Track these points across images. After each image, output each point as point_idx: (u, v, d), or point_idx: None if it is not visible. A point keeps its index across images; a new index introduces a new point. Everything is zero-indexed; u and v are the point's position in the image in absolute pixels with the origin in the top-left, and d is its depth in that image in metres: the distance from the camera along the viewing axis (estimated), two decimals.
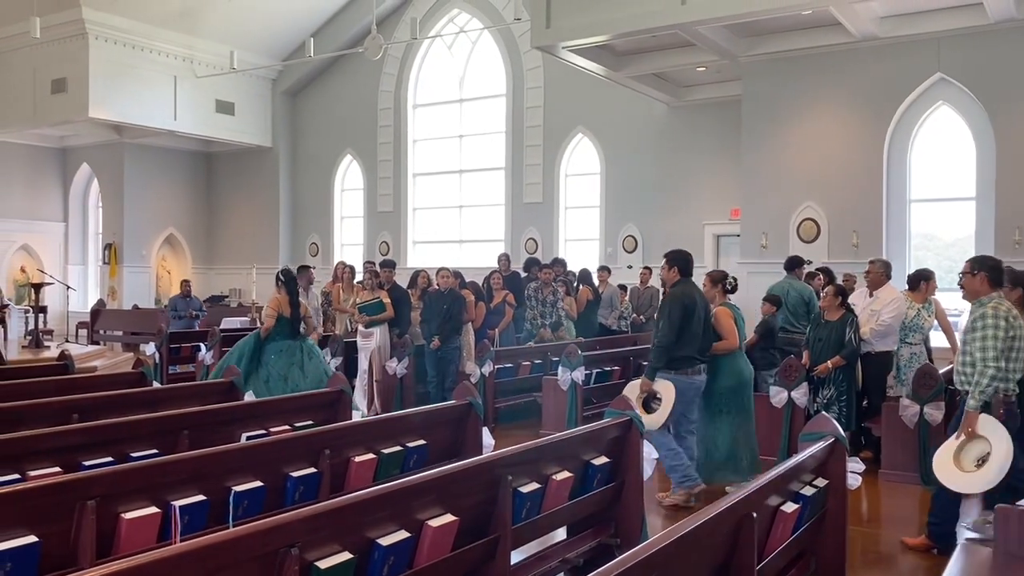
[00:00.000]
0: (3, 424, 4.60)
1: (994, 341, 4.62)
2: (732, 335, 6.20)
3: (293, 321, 7.37)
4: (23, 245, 19.05)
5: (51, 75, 16.18)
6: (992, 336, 4.63)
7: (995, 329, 4.63)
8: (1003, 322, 4.64)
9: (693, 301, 5.93)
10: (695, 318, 5.89)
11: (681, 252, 6.21)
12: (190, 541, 2.43)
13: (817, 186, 11.68)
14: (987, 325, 4.66)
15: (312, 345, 7.72)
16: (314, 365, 7.46)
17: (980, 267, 4.84)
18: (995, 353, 4.61)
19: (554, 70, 15.32)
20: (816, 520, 3.87)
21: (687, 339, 5.88)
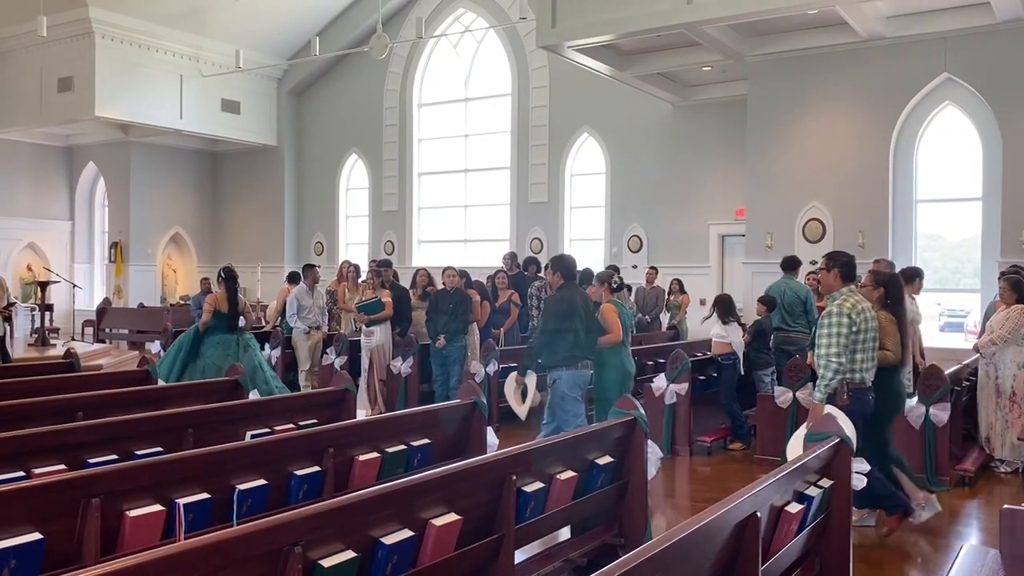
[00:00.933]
0: (9, 421, 4.62)
1: (837, 337, 4.87)
2: (616, 329, 6.49)
3: (230, 316, 7.72)
4: (29, 243, 19.11)
5: (58, 74, 16.22)
6: (836, 333, 4.88)
7: (838, 326, 4.90)
8: (846, 318, 4.89)
9: (573, 303, 6.28)
10: (576, 318, 6.23)
11: (564, 258, 6.64)
12: (194, 539, 2.43)
13: (823, 186, 11.66)
14: (832, 323, 4.92)
15: (249, 339, 8.02)
16: (248, 357, 7.75)
17: (834, 263, 5.12)
18: (838, 349, 4.86)
19: (559, 69, 15.31)
20: (821, 521, 3.86)
21: (570, 338, 6.20)
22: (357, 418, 5.50)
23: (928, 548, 5.42)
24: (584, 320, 6.28)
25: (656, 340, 11.40)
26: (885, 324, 5.35)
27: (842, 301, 5.00)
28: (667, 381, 7.91)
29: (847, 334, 4.90)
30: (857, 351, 4.98)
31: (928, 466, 6.65)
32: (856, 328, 4.94)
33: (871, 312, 5.10)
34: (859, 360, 5.00)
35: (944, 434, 6.68)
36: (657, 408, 7.78)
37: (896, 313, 5.43)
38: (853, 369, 5.01)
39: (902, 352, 5.39)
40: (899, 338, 5.36)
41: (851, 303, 4.99)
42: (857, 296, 5.10)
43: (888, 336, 5.33)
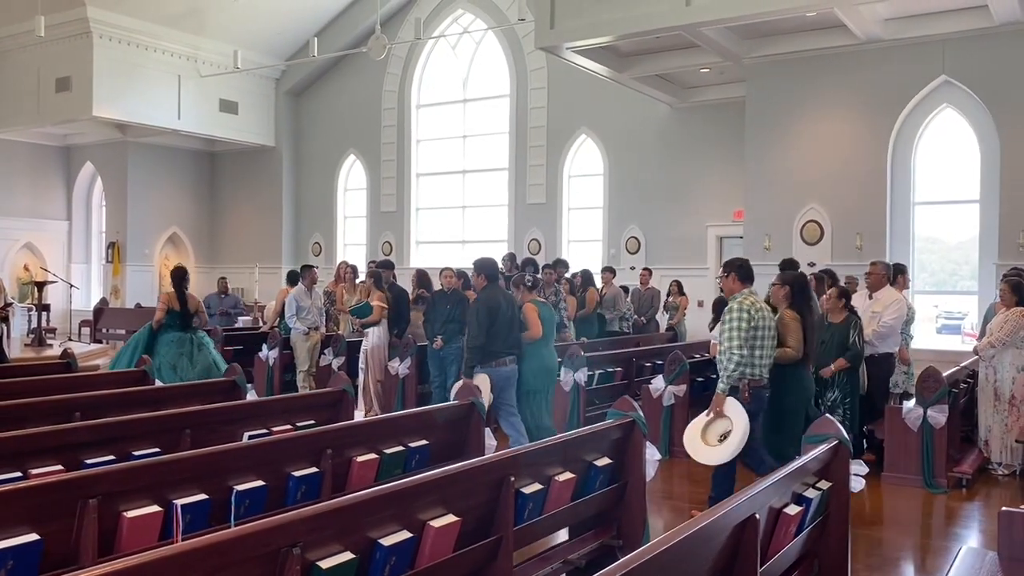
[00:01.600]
0: (6, 422, 4.60)
1: (738, 332, 5.23)
2: (536, 327, 6.88)
3: (183, 315, 7.91)
4: (27, 243, 19.08)
5: (55, 74, 16.20)
6: (736, 328, 5.24)
7: (739, 321, 5.25)
8: (745, 315, 5.26)
9: (497, 303, 6.66)
10: (500, 318, 6.62)
11: (487, 260, 7.00)
12: (192, 540, 2.42)
13: (821, 188, 11.67)
14: (732, 319, 5.29)
15: (203, 337, 8.19)
16: (203, 356, 7.95)
17: (730, 269, 5.55)
18: (739, 342, 5.22)
19: (558, 71, 15.32)
20: (819, 523, 3.86)
21: (494, 336, 6.60)
22: (355, 419, 5.49)
23: (926, 550, 5.43)
24: (508, 320, 6.67)
25: (654, 342, 11.41)
26: (789, 322, 5.67)
27: (741, 300, 5.35)
28: (665, 383, 7.91)
29: (747, 328, 5.24)
30: (755, 348, 5.31)
31: (925, 468, 6.66)
32: (754, 324, 5.27)
33: (768, 312, 5.46)
34: (757, 356, 5.32)
35: (942, 436, 6.69)
36: (655, 410, 7.78)
37: (801, 311, 5.70)
38: (752, 364, 5.30)
39: (805, 348, 5.67)
40: (802, 335, 5.64)
41: (749, 302, 5.35)
42: (755, 297, 5.44)
43: (791, 333, 5.64)
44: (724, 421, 5.21)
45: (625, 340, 11.26)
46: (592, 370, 8.60)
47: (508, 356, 6.67)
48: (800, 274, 6.08)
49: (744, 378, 5.28)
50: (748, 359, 5.25)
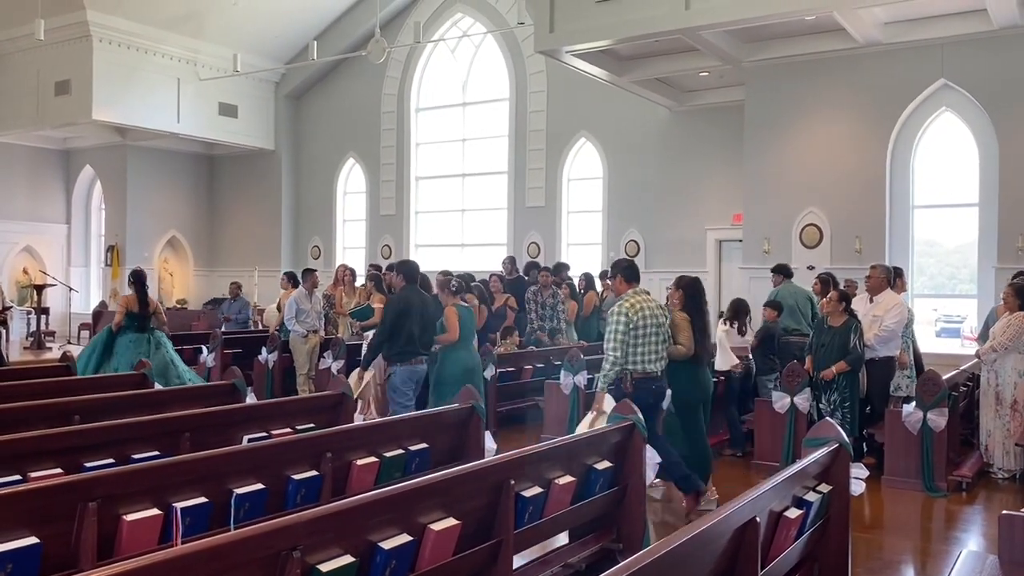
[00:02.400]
0: (5, 425, 4.60)
1: (615, 334, 5.54)
2: (454, 330, 7.12)
3: (142, 317, 8.14)
4: (26, 247, 19.06)
5: (55, 77, 16.20)
6: (614, 330, 5.55)
7: (616, 324, 5.56)
8: (624, 317, 5.56)
9: (409, 305, 6.90)
10: (411, 318, 6.86)
11: (407, 263, 7.45)
12: (192, 543, 2.42)
13: (820, 192, 11.68)
14: (612, 322, 5.60)
15: (160, 337, 8.38)
16: (160, 355, 8.14)
17: (617, 270, 5.91)
18: (614, 343, 5.53)
19: (557, 74, 15.33)
20: (819, 526, 3.85)
21: (404, 336, 6.85)
22: (355, 422, 5.48)
23: (926, 554, 5.43)
24: (420, 320, 6.91)
25: None
26: (680, 322, 6.03)
27: (623, 302, 5.67)
28: None
29: (624, 331, 5.55)
30: (638, 345, 5.60)
31: (925, 471, 6.66)
32: (633, 325, 5.56)
33: (652, 311, 5.71)
34: (640, 353, 5.60)
35: (942, 439, 6.69)
36: None
37: (691, 313, 6.06)
38: (635, 361, 5.62)
39: (698, 346, 6.02)
40: (691, 334, 5.99)
41: (630, 303, 5.64)
42: (640, 297, 5.73)
43: (681, 332, 6.00)
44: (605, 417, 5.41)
45: None
46: (592, 373, 8.58)
47: (419, 356, 6.97)
48: (694, 279, 6.41)
49: (626, 372, 5.60)
50: (627, 357, 5.58)
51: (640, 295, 5.76)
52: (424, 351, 7.01)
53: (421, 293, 7.17)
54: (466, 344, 7.28)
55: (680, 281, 6.30)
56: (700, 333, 6.05)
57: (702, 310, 6.18)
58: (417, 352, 6.96)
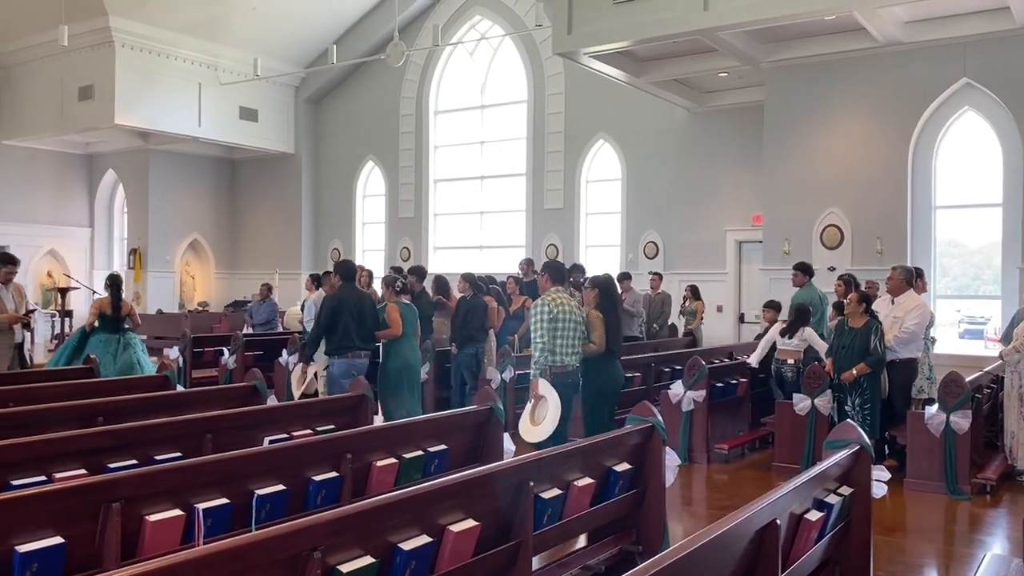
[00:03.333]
0: (30, 426, 4.65)
1: (540, 324, 6.02)
2: (396, 326, 7.57)
3: (114, 319, 8.51)
4: (50, 250, 19.29)
5: (78, 82, 16.40)
6: (539, 320, 6.03)
7: (541, 315, 6.04)
8: (546, 308, 6.06)
9: (344, 302, 7.38)
10: (346, 315, 7.32)
11: (344, 263, 7.90)
12: (214, 544, 2.44)
13: (841, 192, 11.60)
14: (536, 313, 6.11)
15: (131, 338, 8.71)
16: (126, 356, 8.47)
17: (543, 270, 6.44)
18: (539, 334, 6.02)
19: (575, 76, 15.33)
20: (841, 529, 3.83)
21: (341, 331, 7.31)
22: (374, 424, 5.50)
23: (950, 557, 5.37)
24: (356, 316, 7.36)
25: (672, 347, 11.37)
26: (594, 320, 6.37)
27: (545, 296, 6.18)
28: (684, 388, 7.87)
29: (548, 320, 6.01)
30: (557, 338, 6.05)
31: (948, 474, 6.59)
32: (553, 318, 6.03)
33: (570, 308, 6.17)
34: (559, 346, 6.07)
35: (965, 442, 6.62)
36: (674, 415, 7.74)
37: (605, 311, 6.38)
38: (555, 352, 6.04)
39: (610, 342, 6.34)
40: (603, 331, 6.31)
41: (551, 298, 6.14)
42: (560, 295, 6.22)
43: (595, 329, 6.34)
44: (545, 403, 5.92)
45: (643, 345, 11.22)
46: None
47: (362, 351, 7.43)
48: (608, 278, 6.74)
49: (547, 364, 6.02)
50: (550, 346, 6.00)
51: (561, 294, 6.24)
52: (362, 345, 7.41)
53: (357, 291, 7.70)
54: (408, 339, 7.72)
55: (595, 280, 6.65)
56: (612, 329, 6.39)
57: (615, 308, 6.55)
58: (354, 346, 7.36)
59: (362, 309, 7.45)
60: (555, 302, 6.11)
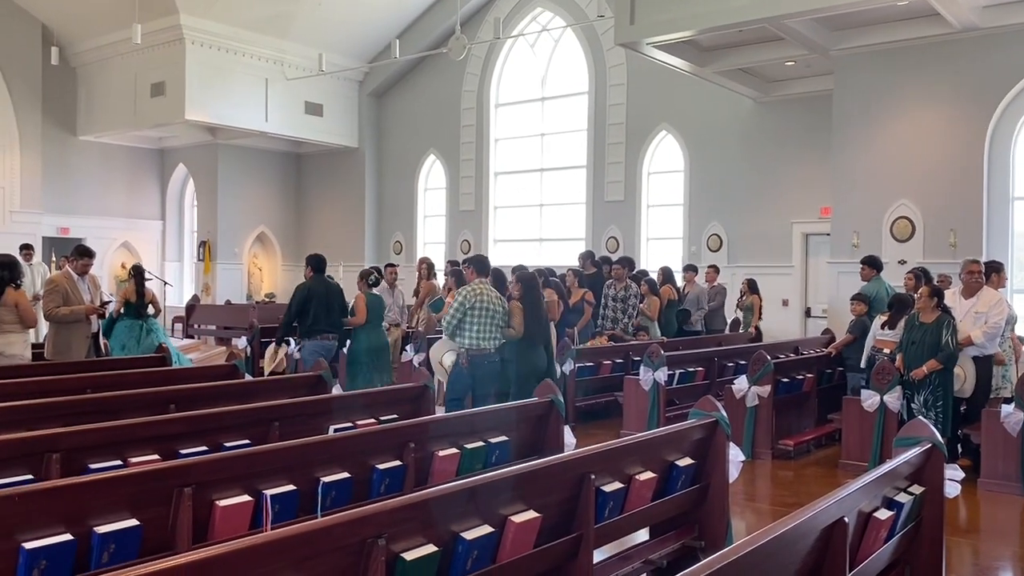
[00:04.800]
0: (106, 412, 4.83)
1: (452, 308, 6.98)
2: (361, 314, 8.54)
3: (138, 306, 9.04)
4: (124, 242, 19.90)
5: (151, 79, 16.87)
6: (453, 306, 6.96)
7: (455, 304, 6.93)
8: (462, 297, 6.92)
9: (312, 291, 8.24)
10: (315, 303, 8.14)
11: (315, 255, 8.68)
12: (282, 529, 2.49)
13: (912, 183, 11.25)
14: (455, 301, 6.98)
15: (153, 324, 9.23)
16: (149, 339, 8.96)
17: (470, 263, 7.23)
18: (450, 315, 6.94)
19: (637, 66, 15.19)
20: (911, 529, 3.73)
21: (311, 317, 8.16)
22: (436, 414, 5.56)
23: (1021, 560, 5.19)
24: (324, 304, 8.21)
25: (736, 341, 11.21)
26: (514, 309, 7.15)
27: (465, 287, 7.00)
28: (749, 383, 7.75)
29: (458, 307, 6.88)
30: (473, 324, 6.85)
31: None
32: (469, 305, 6.84)
33: (489, 298, 6.94)
34: (476, 331, 6.85)
35: None
36: (738, 410, 7.64)
37: (525, 301, 7.13)
38: (471, 337, 6.86)
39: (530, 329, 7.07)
40: (523, 319, 7.06)
41: (470, 289, 6.94)
42: (482, 286, 6.97)
43: (515, 316, 7.11)
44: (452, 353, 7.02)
45: (706, 339, 11.09)
46: (673, 369, 8.50)
47: (328, 333, 8.28)
48: (531, 273, 7.60)
49: (463, 348, 6.88)
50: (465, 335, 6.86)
51: (483, 285, 6.99)
52: (330, 329, 8.29)
53: (326, 281, 8.55)
54: (374, 326, 8.66)
55: (519, 275, 7.46)
56: (532, 318, 7.11)
57: (536, 299, 7.25)
58: (323, 330, 8.23)
59: (330, 298, 8.34)
60: (473, 293, 6.90)
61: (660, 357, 8.28)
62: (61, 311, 7.37)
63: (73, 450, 3.83)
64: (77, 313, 7.50)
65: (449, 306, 9.14)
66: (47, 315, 7.47)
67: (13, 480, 3.50)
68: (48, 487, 3.03)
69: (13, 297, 6.91)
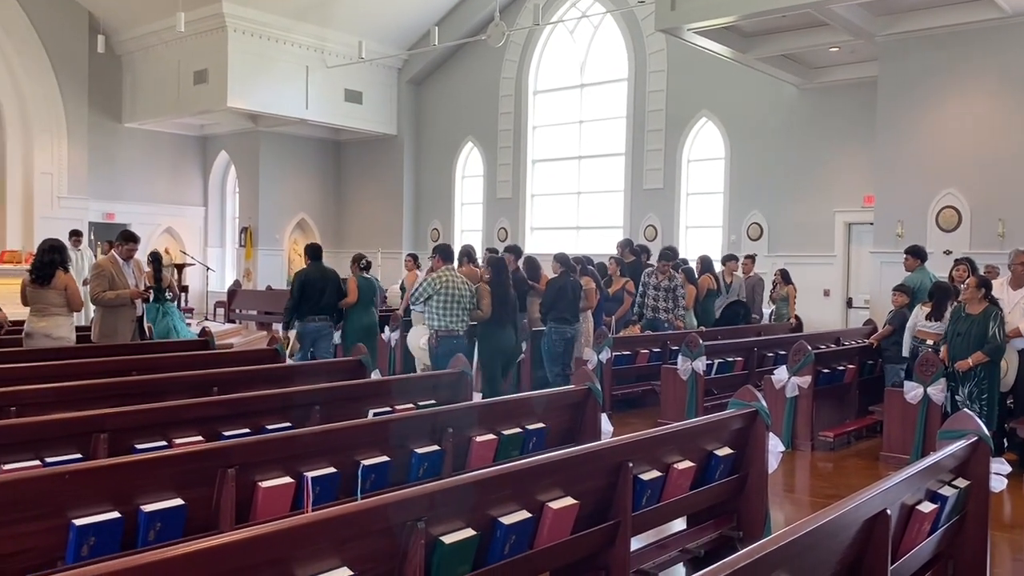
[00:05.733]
0: (151, 395, 4.93)
1: (419, 288, 7.63)
2: (352, 294, 9.09)
3: (157, 290, 9.21)
4: (167, 228, 20.23)
5: (194, 67, 17.09)
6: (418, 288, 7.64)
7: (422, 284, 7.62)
8: (427, 282, 7.59)
9: (309, 277, 8.77)
10: (311, 287, 8.68)
11: (312, 244, 9.24)
12: (324, 510, 2.53)
13: (959, 172, 11.01)
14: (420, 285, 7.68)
15: (170, 307, 9.53)
16: (165, 322, 9.33)
17: (435, 252, 7.88)
18: (417, 293, 7.62)
19: (678, 53, 15.03)
20: (955, 522, 3.67)
21: (309, 301, 8.66)
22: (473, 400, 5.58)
23: None
24: (320, 288, 8.72)
25: (775, 331, 11.09)
26: (482, 292, 7.79)
27: (433, 274, 7.66)
28: (789, 373, 7.67)
29: (424, 290, 7.55)
30: (441, 308, 7.49)
31: None
32: (434, 290, 7.48)
33: (456, 283, 7.57)
34: (444, 314, 7.49)
35: None
36: (778, 401, 7.56)
37: (493, 285, 7.84)
38: (439, 319, 7.51)
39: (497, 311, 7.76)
40: (491, 301, 7.72)
41: (437, 275, 7.60)
42: (448, 273, 7.62)
43: (483, 299, 7.76)
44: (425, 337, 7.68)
45: (745, 329, 10.98)
46: (711, 359, 8.44)
47: (319, 316, 8.74)
48: (499, 258, 8.33)
49: (432, 330, 7.54)
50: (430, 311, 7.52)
51: (449, 272, 7.64)
52: (325, 311, 8.80)
53: (322, 268, 8.97)
54: (366, 307, 9.24)
55: (489, 260, 8.16)
56: (499, 301, 7.78)
57: (504, 282, 7.92)
58: (320, 312, 8.76)
59: (325, 283, 8.83)
60: (439, 279, 7.54)
61: (699, 347, 8.22)
62: (107, 295, 7.49)
63: (120, 430, 3.92)
64: (122, 297, 7.61)
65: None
66: (94, 299, 7.58)
67: (63, 458, 3.59)
68: (97, 466, 3.11)
69: (63, 280, 7.07)
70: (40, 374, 5.37)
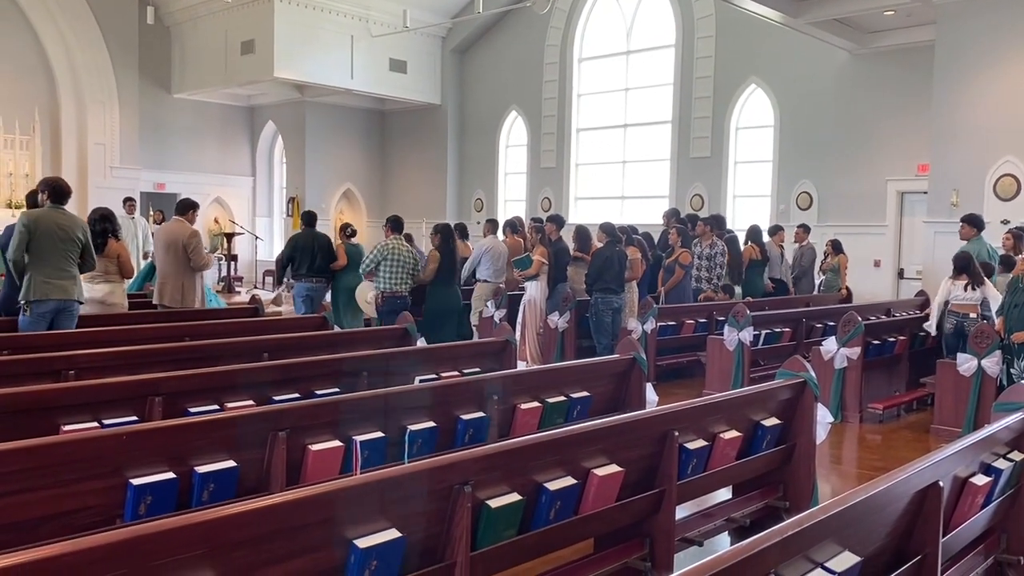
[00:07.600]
0: (204, 360, 5.04)
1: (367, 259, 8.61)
2: (341, 258, 9.90)
3: None
4: (216, 198, 20.54)
5: (241, 37, 17.21)
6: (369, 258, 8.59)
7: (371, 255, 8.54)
8: (376, 250, 8.50)
9: (299, 241, 9.76)
10: (301, 252, 9.64)
11: (307, 212, 10.20)
12: (372, 473, 2.57)
13: (1019, 139, 10.65)
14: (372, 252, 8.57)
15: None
16: None
17: (387, 223, 8.70)
18: (365, 266, 8.61)
19: (727, 17, 14.73)
20: (1009, 496, 3.61)
21: (302, 263, 9.63)
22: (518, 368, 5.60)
23: None
24: (311, 252, 9.63)
25: (824, 302, 10.93)
26: (431, 256, 8.63)
27: (381, 242, 8.51)
28: (838, 344, 7.56)
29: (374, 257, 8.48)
30: (387, 272, 8.36)
31: None
32: (383, 257, 8.38)
33: (400, 251, 8.45)
34: (388, 277, 8.39)
35: None
36: (826, 372, 7.46)
37: (441, 250, 8.53)
38: (386, 282, 8.38)
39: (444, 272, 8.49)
40: (437, 266, 8.46)
41: (384, 243, 8.49)
42: (396, 241, 8.51)
43: (430, 263, 8.57)
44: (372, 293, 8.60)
45: (794, 300, 10.83)
46: (758, 330, 8.35)
47: (312, 277, 9.66)
48: (447, 225, 8.93)
49: (378, 290, 8.44)
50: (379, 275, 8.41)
51: (396, 241, 8.49)
52: (315, 273, 9.67)
53: (315, 233, 9.90)
54: (353, 271, 9.64)
55: (436, 227, 8.72)
56: (446, 265, 8.51)
57: (451, 249, 8.64)
58: (311, 274, 9.66)
59: (315, 248, 9.69)
60: (388, 247, 8.43)
61: (746, 317, 8.14)
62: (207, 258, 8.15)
63: (174, 394, 4.01)
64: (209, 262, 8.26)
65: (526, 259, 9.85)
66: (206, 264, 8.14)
67: (119, 420, 3.70)
68: (152, 427, 3.20)
69: (116, 248, 7.23)
70: (96, 339, 5.52)
